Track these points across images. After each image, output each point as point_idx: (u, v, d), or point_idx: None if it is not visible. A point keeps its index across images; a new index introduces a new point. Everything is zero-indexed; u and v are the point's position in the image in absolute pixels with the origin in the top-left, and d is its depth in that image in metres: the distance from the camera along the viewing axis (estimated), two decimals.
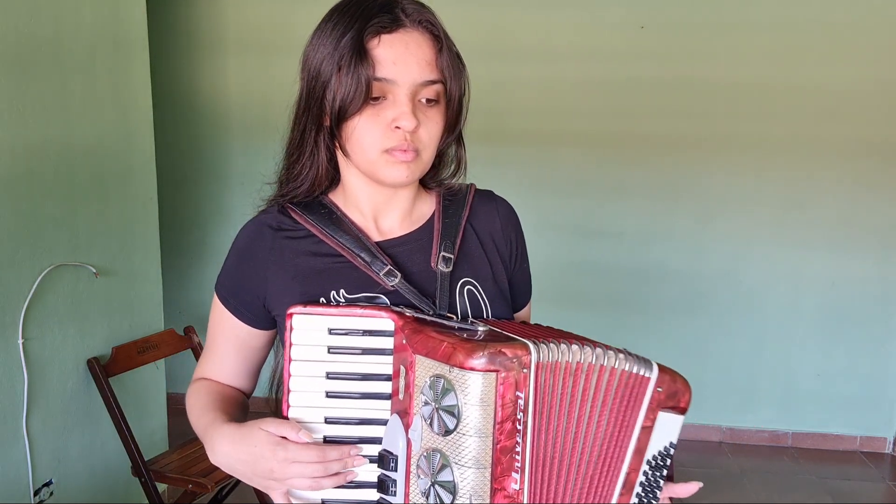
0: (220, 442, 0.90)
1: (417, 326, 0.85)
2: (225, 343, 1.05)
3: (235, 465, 0.88)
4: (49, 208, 2.12)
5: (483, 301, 0.99)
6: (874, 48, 3.21)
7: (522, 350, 0.78)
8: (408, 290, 0.94)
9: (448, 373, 0.78)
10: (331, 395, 0.89)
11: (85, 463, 2.31)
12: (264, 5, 3.45)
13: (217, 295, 1.03)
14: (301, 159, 0.98)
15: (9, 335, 2.00)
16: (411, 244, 1.00)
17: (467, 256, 1.00)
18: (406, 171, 0.92)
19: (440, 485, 0.79)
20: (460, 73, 0.95)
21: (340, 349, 0.89)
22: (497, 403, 0.77)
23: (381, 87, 0.89)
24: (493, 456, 0.78)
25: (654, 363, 0.87)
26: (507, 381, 0.77)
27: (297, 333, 0.89)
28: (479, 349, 0.77)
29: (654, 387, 0.86)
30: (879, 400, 3.48)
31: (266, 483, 0.86)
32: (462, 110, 0.97)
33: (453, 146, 1.02)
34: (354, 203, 1.00)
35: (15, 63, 1.97)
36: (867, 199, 3.33)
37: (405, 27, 0.90)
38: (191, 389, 1.06)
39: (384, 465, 0.86)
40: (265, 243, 0.98)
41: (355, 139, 0.92)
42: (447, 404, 0.78)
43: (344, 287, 0.94)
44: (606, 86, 3.36)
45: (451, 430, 0.78)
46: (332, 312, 0.89)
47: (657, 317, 3.51)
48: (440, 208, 1.03)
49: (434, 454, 0.80)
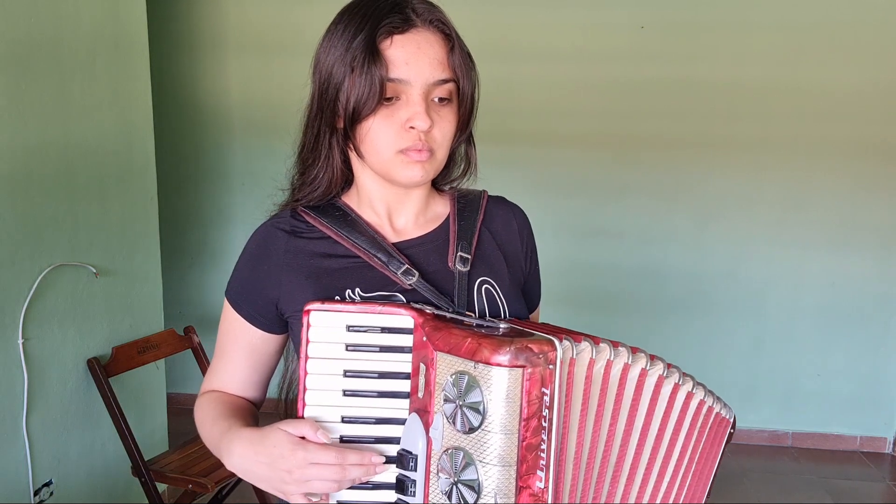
0: (237, 445, 0.88)
1: (438, 324, 0.84)
2: (237, 351, 1.03)
3: (253, 468, 0.86)
4: (49, 208, 2.11)
5: (501, 300, 0.99)
6: (874, 49, 3.21)
7: (548, 346, 0.77)
8: (426, 289, 0.93)
9: (472, 369, 0.77)
10: (348, 394, 0.87)
11: (85, 463, 2.31)
12: (265, 5, 3.45)
13: (228, 301, 1.02)
14: (317, 163, 0.98)
15: (9, 335, 2.00)
16: (427, 245, 0.99)
17: (484, 257, 1.00)
18: (421, 170, 0.92)
19: (464, 483, 0.78)
20: (471, 71, 0.95)
21: (358, 347, 0.87)
22: (523, 399, 0.76)
23: (395, 87, 0.89)
24: (518, 453, 0.76)
25: (729, 406, 0.97)
26: (534, 377, 0.76)
27: (314, 330, 0.87)
28: (505, 344, 0.76)
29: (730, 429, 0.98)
30: (879, 400, 3.48)
31: (284, 487, 0.84)
32: (474, 108, 0.97)
33: (463, 145, 1.02)
34: (368, 203, 1.00)
35: (15, 63, 1.97)
36: (867, 200, 3.33)
37: (416, 27, 0.90)
38: (199, 402, 1.04)
39: (403, 464, 0.84)
40: (278, 246, 0.97)
41: (369, 140, 0.92)
42: (471, 401, 0.77)
43: (360, 286, 0.94)
44: (607, 86, 3.36)
45: (476, 427, 0.77)
46: (350, 309, 0.88)
47: (657, 317, 3.50)
48: (455, 211, 1.03)
49: (457, 452, 0.78)
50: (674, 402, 0.90)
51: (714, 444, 0.95)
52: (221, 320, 1.04)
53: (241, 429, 0.91)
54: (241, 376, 1.04)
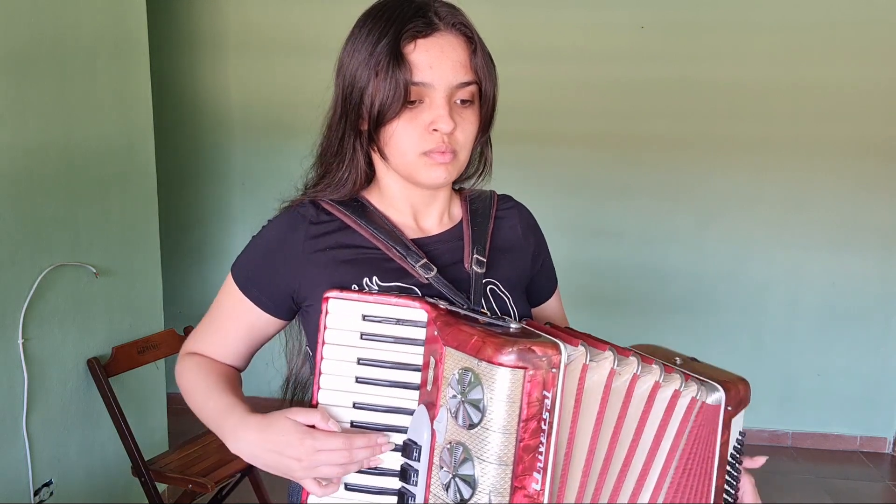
0: (244, 431, 0.90)
1: (450, 319, 0.85)
2: (235, 329, 1.03)
3: (260, 454, 0.88)
4: (49, 208, 2.12)
5: (509, 301, 1.00)
6: (875, 48, 3.21)
7: (553, 349, 0.78)
8: (443, 284, 0.94)
9: (476, 366, 0.78)
10: (360, 381, 0.89)
11: (85, 463, 2.31)
12: (265, 5, 3.45)
13: (235, 281, 1.02)
14: (342, 166, 0.99)
15: (9, 335, 2.00)
16: (443, 244, 1.01)
17: (491, 260, 1.02)
18: (444, 172, 0.94)
19: (461, 478, 0.79)
20: (493, 72, 0.97)
21: (373, 336, 0.89)
22: (523, 401, 0.77)
23: (419, 90, 0.90)
24: (515, 454, 0.77)
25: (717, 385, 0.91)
26: (535, 380, 0.77)
27: (331, 317, 0.89)
28: (510, 345, 0.77)
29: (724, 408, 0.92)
30: (879, 400, 3.48)
31: (293, 473, 0.87)
32: (495, 109, 0.99)
33: (479, 146, 1.03)
34: (392, 204, 1.01)
35: (16, 64, 1.97)
36: (867, 199, 3.33)
37: (440, 30, 0.92)
38: (185, 366, 1.04)
39: (408, 454, 0.86)
40: (299, 234, 0.98)
41: (394, 143, 0.93)
42: (473, 398, 0.78)
43: (377, 275, 0.95)
44: (607, 86, 3.36)
45: (476, 424, 0.78)
46: (366, 299, 0.90)
47: (657, 317, 3.50)
48: (468, 215, 1.05)
49: (457, 447, 0.80)
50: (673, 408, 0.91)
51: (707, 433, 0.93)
52: (222, 293, 1.04)
53: (247, 415, 0.92)
54: (231, 350, 1.05)
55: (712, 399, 0.91)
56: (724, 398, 0.91)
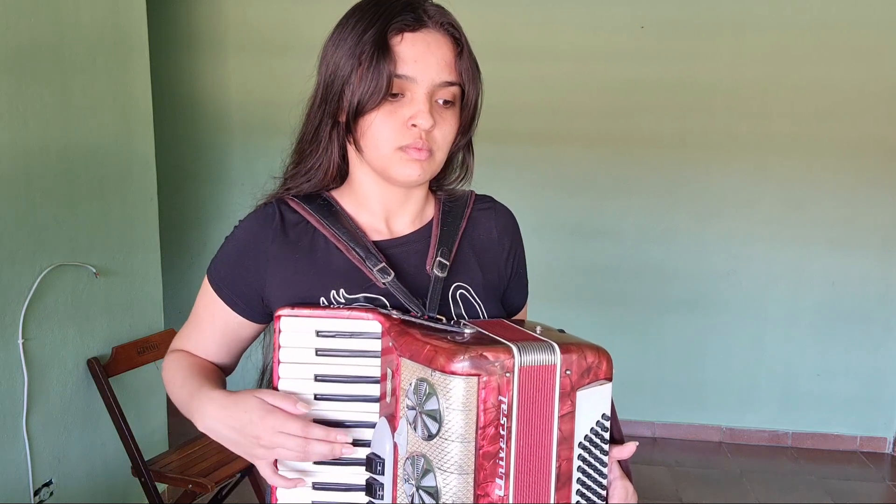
0: (209, 406, 0.89)
1: (403, 328, 0.84)
2: (212, 329, 1.04)
3: (223, 431, 0.87)
4: (49, 208, 2.11)
5: (478, 304, 0.99)
6: (874, 48, 3.21)
7: (505, 353, 0.77)
8: (398, 290, 0.93)
9: (430, 376, 0.77)
10: (319, 398, 0.88)
11: (85, 463, 2.31)
12: (264, 5, 3.45)
13: (210, 283, 1.02)
14: (314, 154, 0.99)
15: (9, 335, 2.00)
16: (409, 245, 1.00)
17: (462, 263, 1.00)
18: (419, 169, 0.92)
19: (424, 490, 0.78)
20: (477, 78, 0.96)
21: (328, 351, 0.88)
22: (479, 408, 0.76)
23: (401, 84, 0.90)
24: (475, 462, 0.76)
25: (555, 346, 0.80)
26: (490, 386, 0.76)
27: (285, 335, 0.88)
28: (461, 353, 0.76)
29: (562, 372, 0.80)
30: (879, 400, 3.48)
31: (252, 451, 0.86)
32: (476, 115, 0.98)
33: (461, 152, 1.02)
34: (364, 204, 1.00)
35: (15, 64, 1.97)
36: (867, 199, 3.33)
37: (428, 27, 0.91)
38: (169, 361, 1.05)
39: (372, 468, 0.85)
40: (266, 236, 0.98)
41: (370, 135, 0.92)
42: (429, 409, 0.77)
43: (344, 286, 0.94)
44: (607, 86, 3.36)
45: (434, 434, 0.77)
46: (319, 314, 0.89)
47: (657, 316, 3.50)
48: (439, 215, 1.03)
49: (418, 458, 0.79)
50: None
51: (540, 399, 0.81)
52: (200, 293, 1.04)
53: (213, 390, 0.92)
54: (212, 350, 1.05)
55: (540, 359, 0.79)
56: (560, 360, 0.79)
